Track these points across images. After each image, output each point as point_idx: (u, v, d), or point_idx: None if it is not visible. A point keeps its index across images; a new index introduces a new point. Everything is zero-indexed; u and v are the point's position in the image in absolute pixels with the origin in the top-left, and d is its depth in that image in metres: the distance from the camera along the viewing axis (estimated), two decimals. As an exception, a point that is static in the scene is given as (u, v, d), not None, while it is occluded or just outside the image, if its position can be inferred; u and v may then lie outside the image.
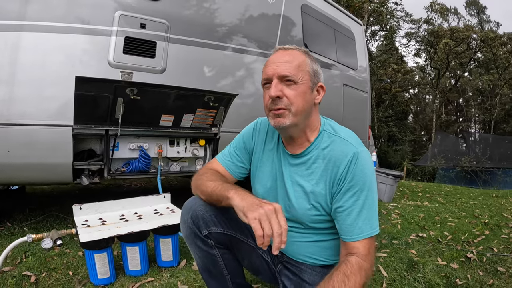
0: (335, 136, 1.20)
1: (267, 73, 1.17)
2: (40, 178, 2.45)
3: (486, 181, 13.60)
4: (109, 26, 2.43)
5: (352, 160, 1.12)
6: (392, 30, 22.97)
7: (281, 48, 1.21)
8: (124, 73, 2.48)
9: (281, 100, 1.13)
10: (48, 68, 2.27)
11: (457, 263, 2.38)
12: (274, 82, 1.14)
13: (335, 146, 1.17)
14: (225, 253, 1.33)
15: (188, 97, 2.90)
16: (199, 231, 1.27)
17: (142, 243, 1.97)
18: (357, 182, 1.11)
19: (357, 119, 5.20)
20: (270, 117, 1.18)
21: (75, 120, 2.35)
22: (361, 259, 1.06)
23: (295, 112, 1.14)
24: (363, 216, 1.10)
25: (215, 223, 1.28)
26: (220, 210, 1.30)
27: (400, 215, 3.69)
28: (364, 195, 1.11)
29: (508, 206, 4.55)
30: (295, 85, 1.14)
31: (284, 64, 1.14)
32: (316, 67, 1.21)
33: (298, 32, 3.89)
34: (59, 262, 2.12)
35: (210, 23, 2.99)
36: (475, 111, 28.39)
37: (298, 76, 1.14)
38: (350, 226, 1.10)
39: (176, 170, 3.11)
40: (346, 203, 1.12)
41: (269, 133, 1.36)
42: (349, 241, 1.11)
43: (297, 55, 1.18)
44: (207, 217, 1.27)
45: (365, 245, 1.09)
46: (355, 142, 1.17)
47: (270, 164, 1.31)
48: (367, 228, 1.10)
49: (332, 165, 1.15)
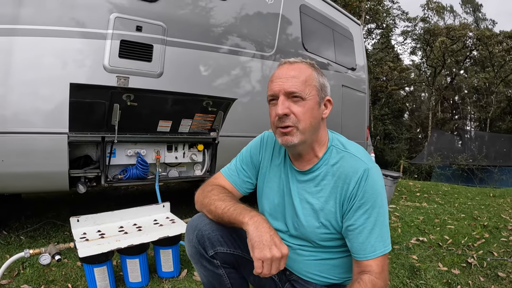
0: (345, 151, 1.16)
1: (273, 89, 1.12)
2: (36, 186, 2.41)
3: (483, 179, 13.67)
4: (104, 29, 2.37)
5: (363, 177, 1.09)
6: (388, 28, 22.97)
7: (286, 62, 1.16)
8: (120, 78, 2.42)
9: (289, 117, 1.09)
10: (41, 74, 2.21)
11: (458, 268, 2.37)
12: (281, 99, 1.09)
13: (345, 163, 1.14)
14: (231, 272, 1.29)
15: (186, 102, 2.85)
16: (205, 251, 1.24)
17: (142, 255, 1.94)
18: (368, 199, 1.08)
19: (355, 120, 5.19)
20: (278, 135, 1.14)
21: (70, 127, 2.30)
22: (374, 277, 1.03)
23: (303, 130, 1.10)
24: (375, 234, 1.07)
25: (221, 243, 1.24)
26: (227, 228, 1.26)
27: (400, 218, 3.68)
28: (376, 212, 1.08)
29: (506, 207, 4.57)
30: (303, 101, 1.09)
31: (291, 79, 1.10)
32: (323, 80, 1.17)
33: (296, 33, 3.85)
34: (58, 274, 2.08)
35: (208, 25, 2.94)
36: (470, 109, 28.51)
37: (305, 91, 1.09)
38: (363, 245, 1.07)
39: (175, 175, 3.06)
40: (358, 221, 1.08)
41: (276, 147, 1.33)
42: (362, 260, 1.08)
43: (304, 69, 1.13)
44: (213, 236, 1.23)
45: (379, 262, 1.06)
46: (365, 158, 1.14)
47: (278, 180, 1.28)
48: (380, 246, 1.07)
49: (342, 182, 1.12)
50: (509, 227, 3.44)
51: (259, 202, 1.35)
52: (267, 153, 1.35)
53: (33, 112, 2.20)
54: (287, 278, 1.32)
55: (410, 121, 29.40)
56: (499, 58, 20.63)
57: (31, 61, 2.19)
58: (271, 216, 1.28)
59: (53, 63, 2.24)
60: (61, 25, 2.25)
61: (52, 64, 2.24)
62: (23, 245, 2.51)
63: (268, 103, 1.17)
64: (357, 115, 5.24)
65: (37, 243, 2.56)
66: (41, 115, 2.23)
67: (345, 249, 1.17)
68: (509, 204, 4.81)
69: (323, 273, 1.22)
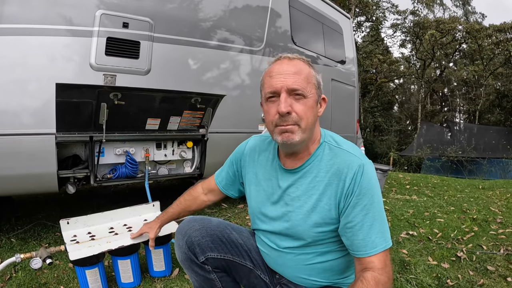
0: (338, 148, 1.14)
1: (274, 86, 1.08)
2: (24, 189, 2.37)
3: (472, 171, 13.86)
4: (90, 26, 2.33)
5: (358, 172, 1.07)
6: (378, 21, 23.00)
7: (286, 57, 1.13)
8: (107, 76, 2.39)
9: (290, 115, 1.06)
10: (26, 73, 2.16)
11: (448, 262, 2.40)
12: (283, 96, 1.06)
13: (339, 159, 1.11)
14: (223, 276, 1.30)
15: (174, 100, 2.83)
16: (195, 257, 1.24)
17: (133, 256, 1.93)
18: (365, 194, 1.06)
19: (345, 114, 5.21)
20: (277, 133, 1.10)
21: (57, 128, 2.26)
22: (377, 273, 1.01)
23: (305, 128, 1.08)
24: (375, 230, 1.05)
25: (211, 248, 1.25)
26: (217, 234, 1.27)
27: (390, 212, 3.70)
28: (374, 208, 1.06)
29: (495, 199, 4.63)
30: (305, 99, 1.07)
31: (293, 76, 1.06)
32: (319, 78, 1.15)
33: (285, 26, 3.83)
34: (50, 276, 2.06)
35: (195, 20, 2.90)
36: (460, 101, 28.79)
37: (307, 89, 1.07)
38: (363, 241, 1.05)
39: (164, 173, 3.04)
40: (356, 218, 1.06)
41: (263, 150, 1.31)
42: (364, 257, 1.05)
43: (303, 66, 1.10)
44: (203, 243, 1.24)
45: (381, 258, 1.04)
46: (359, 154, 1.13)
47: (267, 181, 1.26)
48: (381, 241, 1.04)
49: (338, 179, 1.09)
50: (498, 220, 3.48)
51: (249, 205, 1.34)
52: (252, 158, 1.33)
53: (19, 113, 2.16)
54: (278, 281, 1.31)
55: (399, 113, 29.62)
56: (488, 51, 20.77)
57: (16, 61, 2.13)
58: (262, 217, 1.27)
59: (38, 63, 2.20)
60: (46, 23, 2.20)
61: (37, 64, 2.19)
62: (14, 248, 2.48)
63: (264, 100, 1.13)
64: (346, 109, 5.26)
65: (28, 245, 2.53)
66: (28, 116, 2.19)
67: (335, 250, 1.17)
68: (498, 196, 4.87)
69: (312, 276, 1.21)
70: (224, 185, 1.46)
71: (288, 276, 1.26)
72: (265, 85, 1.12)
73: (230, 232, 1.32)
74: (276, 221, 1.21)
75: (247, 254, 1.32)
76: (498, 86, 23.65)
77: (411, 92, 31.79)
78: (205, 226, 1.29)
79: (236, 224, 3.03)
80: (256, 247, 1.35)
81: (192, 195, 1.54)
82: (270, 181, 1.25)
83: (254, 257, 1.33)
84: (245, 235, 1.37)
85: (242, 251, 1.32)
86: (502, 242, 2.85)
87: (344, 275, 1.23)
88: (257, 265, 1.33)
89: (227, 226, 1.34)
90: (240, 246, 1.32)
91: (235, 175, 1.42)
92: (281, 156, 1.23)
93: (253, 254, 1.33)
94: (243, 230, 1.40)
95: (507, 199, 4.62)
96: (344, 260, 1.20)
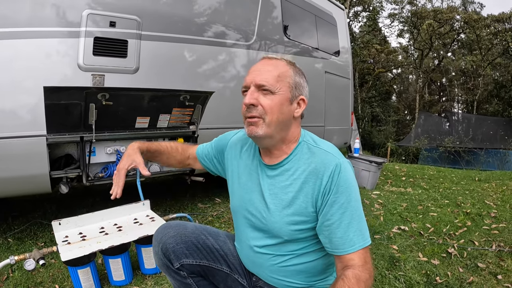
0: (316, 147, 1.16)
1: (246, 81, 1.15)
2: (17, 190, 2.39)
3: (469, 161, 13.84)
4: (77, 27, 2.31)
5: (335, 171, 1.08)
6: (375, 11, 22.83)
7: (266, 57, 1.19)
8: (96, 76, 2.38)
9: (256, 108, 1.11)
10: (15, 76, 2.16)
11: (438, 258, 2.41)
12: (251, 90, 1.12)
13: (316, 158, 1.13)
14: (200, 280, 1.32)
15: (163, 98, 2.82)
16: (171, 263, 1.25)
17: (124, 254, 1.97)
18: (342, 193, 1.07)
19: (339, 106, 5.21)
20: (245, 125, 1.16)
21: (48, 129, 2.27)
22: (358, 270, 1.02)
23: (269, 123, 1.11)
24: (353, 228, 1.06)
25: (186, 255, 1.26)
26: (192, 240, 1.28)
27: (383, 205, 3.72)
28: (351, 206, 1.07)
29: (491, 192, 4.61)
30: (272, 95, 1.11)
31: (264, 73, 1.12)
32: (299, 79, 1.17)
33: (277, 19, 3.80)
34: (45, 275, 2.10)
35: (183, 15, 2.88)
36: (458, 91, 28.75)
37: (275, 86, 1.11)
38: (341, 239, 1.06)
39: (156, 170, 3.05)
40: (334, 216, 1.07)
41: (246, 144, 1.34)
42: (342, 254, 1.07)
43: (280, 66, 1.15)
44: (177, 249, 1.25)
45: (360, 255, 1.05)
46: (336, 153, 1.14)
47: (247, 175, 1.28)
48: (359, 239, 1.06)
49: (315, 177, 1.11)
50: (492, 214, 3.48)
51: (231, 198, 1.36)
52: (235, 151, 1.36)
53: (9, 116, 2.16)
54: (254, 284, 1.33)
55: (397, 103, 29.58)
56: (487, 41, 20.68)
57: (3, 65, 2.13)
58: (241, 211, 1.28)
59: (26, 66, 2.19)
60: (33, 26, 2.19)
61: (25, 67, 2.19)
62: (11, 248, 2.52)
63: (242, 95, 1.19)
64: (341, 101, 5.26)
65: (25, 245, 2.56)
66: (18, 119, 2.19)
67: (312, 252, 1.18)
68: (494, 189, 4.86)
69: (288, 278, 1.22)
70: (203, 156, 1.51)
71: (264, 278, 1.27)
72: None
73: (206, 238, 1.33)
74: (254, 216, 1.23)
75: (223, 258, 1.34)
76: (496, 77, 23.59)
77: (409, 82, 31.70)
78: (179, 232, 1.30)
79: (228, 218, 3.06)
80: (233, 251, 1.37)
81: (184, 149, 1.56)
82: (250, 175, 1.27)
83: (231, 261, 1.35)
84: (221, 239, 1.38)
85: (218, 256, 1.33)
86: (495, 237, 2.85)
87: (321, 277, 1.24)
88: (234, 269, 1.34)
89: (202, 232, 1.35)
90: (216, 251, 1.33)
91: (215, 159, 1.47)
92: (261, 152, 1.26)
93: (229, 258, 1.35)
94: (220, 234, 1.41)
95: (503, 191, 4.62)
96: (321, 262, 1.22)
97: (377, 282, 2.07)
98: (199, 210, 3.44)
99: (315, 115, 4.52)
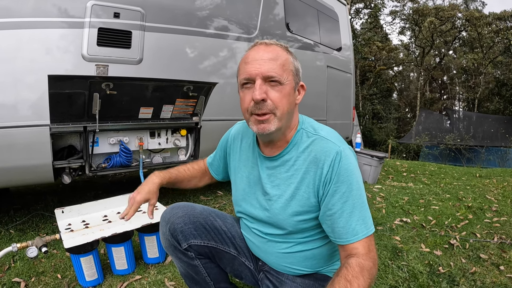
0: (315, 135, 1.12)
1: (249, 72, 1.05)
2: (20, 180, 2.37)
3: (470, 159, 13.87)
4: (81, 17, 2.31)
5: (336, 160, 1.04)
6: (376, 8, 22.81)
7: (262, 43, 1.10)
8: (99, 66, 2.38)
9: (265, 103, 1.03)
10: (19, 66, 2.15)
11: (440, 249, 2.41)
12: (258, 83, 1.03)
13: (316, 146, 1.09)
14: (207, 262, 1.31)
15: (166, 88, 2.82)
16: (178, 244, 1.25)
17: (127, 243, 1.96)
18: (343, 182, 1.04)
19: (341, 100, 5.20)
20: (252, 122, 1.08)
21: (51, 119, 2.27)
22: (361, 259, 0.99)
23: (281, 116, 1.05)
24: (355, 217, 1.03)
25: (194, 235, 1.25)
26: (200, 221, 1.27)
27: (385, 199, 3.73)
28: (353, 195, 1.04)
29: (492, 187, 4.62)
30: (280, 86, 1.04)
31: (268, 62, 1.03)
32: (298, 65, 1.12)
33: (280, 14, 3.80)
34: (47, 265, 2.09)
35: (187, 8, 2.88)
36: (459, 89, 28.73)
37: (283, 76, 1.04)
38: (344, 229, 1.03)
39: (159, 161, 3.06)
40: (335, 206, 1.04)
41: (244, 137, 1.32)
42: (346, 244, 1.04)
43: (280, 53, 1.07)
44: (185, 230, 1.24)
45: (364, 243, 1.02)
46: (336, 140, 1.09)
47: (248, 169, 1.26)
48: (362, 228, 1.03)
49: (315, 166, 1.07)
50: (493, 208, 3.48)
51: (233, 192, 1.34)
52: (236, 145, 1.34)
53: (13, 105, 2.15)
54: (261, 268, 1.32)
55: (398, 101, 29.57)
56: (488, 39, 20.64)
57: (8, 54, 2.12)
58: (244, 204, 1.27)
59: (31, 56, 2.18)
60: (37, 16, 2.18)
61: (30, 57, 2.18)
62: (12, 239, 2.51)
63: (240, 87, 1.11)
64: (342, 96, 5.26)
65: (26, 236, 2.55)
66: (22, 108, 2.18)
67: (316, 238, 1.17)
68: (495, 184, 4.86)
69: (294, 265, 1.21)
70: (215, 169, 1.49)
71: (270, 264, 1.26)
72: (241, 72, 1.10)
73: (214, 219, 1.32)
74: (257, 209, 1.22)
75: (231, 241, 1.33)
76: (497, 75, 23.57)
77: (410, 80, 31.70)
78: (188, 213, 1.28)
79: (231, 211, 3.07)
80: (240, 234, 1.35)
81: (201, 167, 1.52)
82: (251, 168, 1.25)
83: (238, 244, 1.34)
84: (229, 222, 1.37)
85: (226, 238, 1.32)
86: (496, 230, 2.85)
87: (329, 262, 1.24)
88: (241, 252, 1.34)
89: (211, 213, 1.34)
90: (224, 233, 1.32)
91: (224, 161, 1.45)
92: (260, 144, 1.22)
93: (237, 241, 1.34)
94: (227, 217, 1.40)
95: (504, 187, 4.62)
96: (327, 248, 1.21)
97: (380, 271, 2.07)
98: (202, 202, 3.45)
99: (317, 109, 4.52)
